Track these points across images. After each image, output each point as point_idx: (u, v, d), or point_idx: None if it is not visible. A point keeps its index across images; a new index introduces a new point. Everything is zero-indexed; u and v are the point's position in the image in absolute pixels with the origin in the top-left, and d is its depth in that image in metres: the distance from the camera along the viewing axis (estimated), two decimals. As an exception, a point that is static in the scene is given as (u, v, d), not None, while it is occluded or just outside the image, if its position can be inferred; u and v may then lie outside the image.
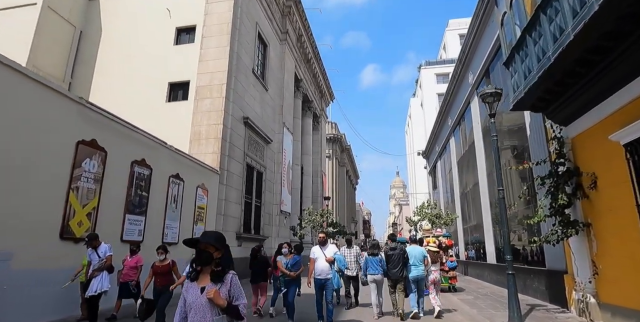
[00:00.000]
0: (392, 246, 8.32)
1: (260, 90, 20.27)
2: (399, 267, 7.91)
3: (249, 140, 18.27)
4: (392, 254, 8.02)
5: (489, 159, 16.00)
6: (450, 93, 21.80)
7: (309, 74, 32.38)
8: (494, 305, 9.76)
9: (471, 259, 18.91)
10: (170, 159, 11.63)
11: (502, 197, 7.72)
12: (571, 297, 8.28)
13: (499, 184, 7.86)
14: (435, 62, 58.15)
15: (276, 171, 22.08)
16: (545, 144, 9.73)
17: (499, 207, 7.95)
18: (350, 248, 9.55)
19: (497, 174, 7.92)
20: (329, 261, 7.55)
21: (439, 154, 28.77)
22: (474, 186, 18.19)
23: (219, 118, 15.75)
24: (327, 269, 7.50)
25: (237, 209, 16.63)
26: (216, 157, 15.27)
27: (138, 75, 17.39)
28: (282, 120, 23.13)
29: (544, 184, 8.42)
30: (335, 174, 51.01)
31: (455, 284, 12.56)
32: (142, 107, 16.55)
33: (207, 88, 16.32)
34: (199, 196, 13.34)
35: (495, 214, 15.39)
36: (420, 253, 8.34)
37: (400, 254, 8.00)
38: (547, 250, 9.98)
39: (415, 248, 8.47)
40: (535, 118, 10.26)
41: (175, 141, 14.45)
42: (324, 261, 7.52)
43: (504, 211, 7.69)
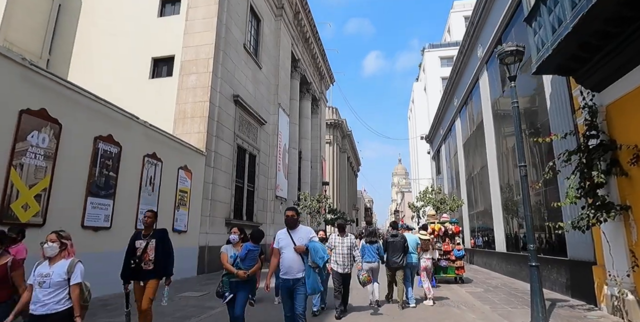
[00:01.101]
0: (394, 233, 8.10)
1: (252, 67, 18.91)
2: (399, 255, 7.81)
3: (240, 121, 17.00)
4: (393, 241, 7.89)
5: (499, 138, 14.71)
6: (456, 71, 20.39)
7: (308, 55, 30.88)
8: (508, 299, 8.60)
9: (479, 246, 17.74)
10: (144, 136, 10.40)
11: (524, 174, 6.47)
12: (602, 293, 7.10)
13: (520, 160, 6.61)
14: (440, 44, 56.30)
15: (271, 154, 20.85)
16: (571, 115, 8.44)
17: (521, 187, 6.70)
18: (343, 237, 7.21)
19: (518, 147, 6.66)
20: (300, 251, 4.75)
21: (443, 138, 27.46)
22: (482, 169, 16.94)
23: (205, 95, 14.47)
24: (297, 264, 4.74)
25: (226, 193, 15.45)
26: (202, 137, 14.03)
27: (120, 51, 16.07)
28: (278, 101, 21.80)
29: (570, 161, 7.16)
30: (336, 160, 49.79)
31: (463, 274, 11.40)
32: (124, 84, 15.31)
33: (192, 62, 15.00)
34: (181, 179, 12.15)
35: (505, 198, 14.18)
36: (414, 241, 8.38)
37: (401, 241, 7.88)
38: (569, 237, 8.78)
39: (409, 236, 8.45)
40: (558, 86, 8.96)
41: (159, 120, 13.29)
42: (292, 252, 4.75)
43: (527, 190, 6.44)
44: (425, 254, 8.57)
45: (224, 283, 5.14)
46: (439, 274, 11.12)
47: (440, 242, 11.40)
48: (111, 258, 8.50)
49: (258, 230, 5.47)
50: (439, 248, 11.28)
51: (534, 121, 11.12)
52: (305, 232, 4.94)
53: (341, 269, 7.09)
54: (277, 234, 5.05)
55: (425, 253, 8.61)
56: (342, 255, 7.10)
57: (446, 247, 11.28)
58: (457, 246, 11.31)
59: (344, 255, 7.10)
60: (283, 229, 5.01)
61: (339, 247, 7.15)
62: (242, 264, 5.10)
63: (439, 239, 11.47)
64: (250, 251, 5.14)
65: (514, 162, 13.30)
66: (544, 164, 10.95)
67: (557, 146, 9.14)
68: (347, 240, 7.21)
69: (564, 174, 8.07)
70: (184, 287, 10.08)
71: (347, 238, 7.25)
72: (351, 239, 7.27)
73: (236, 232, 5.46)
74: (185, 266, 12.22)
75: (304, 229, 5.00)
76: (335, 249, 7.13)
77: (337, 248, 7.15)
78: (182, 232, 12.08)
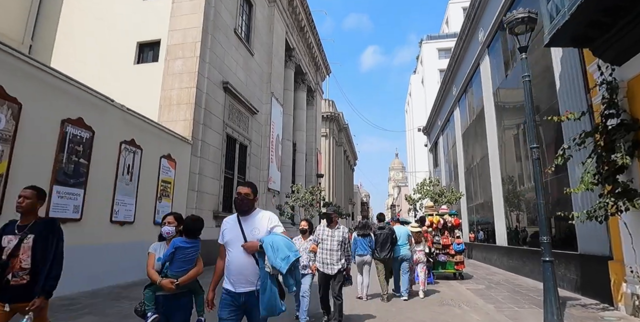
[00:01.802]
0: (381, 226, 8.03)
1: (244, 54, 18.08)
2: (387, 247, 7.73)
3: (229, 109, 16.21)
4: (380, 234, 7.79)
5: (501, 126, 14.01)
6: (456, 57, 19.64)
7: (303, 44, 30.00)
8: (513, 297, 7.93)
9: (480, 240, 17.08)
10: (122, 121, 9.61)
11: (537, 158, 5.76)
12: (619, 291, 6.42)
13: (531, 141, 5.89)
14: (437, 36, 55.48)
15: (263, 145, 20.08)
16: (584, 95, 7.74)
17: (533, 172, 5.99)
18: (334, 229, 5.79)
19: (529, 126, 5.94)
20: (251, 249, 3.03)
21: (441, 129, 26.77)
22: (482, 160, 16.27)
23: (192, 81, 13.66)
24: (249, 269, 3.06)
25: (214, 185, 14.70)
26: (188, 125, 13.24)
27: (105, 35, 15.20)
28: (271, 90, 20.98)
29: (584, 144, 6.46)
30: (332, 154, 49.05)
31: (463, 270, 10.74)
32: (109, 70, 14.50)
33: (179, 47, 14.17)
34: (164, 168, 11.39)
35: (507, 190, 13.51)
36: (405, 233, 8.26)
37: (389, 234, 7.80)
38: (580, 229, 8.11)
39: (400, 228, 8.39)
40: (570, 63, 8.26)
41: (144, 107, 12.56)
42: (241, 251, 3.07)
43: (540, 175, 5.72)
44: (417, 247, 8.55)
45: (147, 299, 3.45)
46: (437, 269, 10.46)
47: (438, 236, 10.72)
48: (81, 253, 7.81)
49: (195, 218, 3.61)
50: (437, 242, 10.62)
51: (540, 106, 10.40)
52: (263, 219, 3.15)
53: (329, 269, 5.57)
54: (223, 223, 3.26)
55: (418, 245, 8.58)
56: (331, 252, 5.60)
57: (445, 240, 10.61)
58: (457, 240, 10.64)
59: (332, 251, 5.59)
60: (232, 216, 3.27)
61: (327, 241, 5.67)
62: (170, 270, 3.39)
63: (437, 232, 10.80)
64: (181, 249, 3.38)
65: (517, 151, 12.61)
66: (546, 154, 10.28)
67: (566, 131, 8.45)
68: (339, 233, 5.73)
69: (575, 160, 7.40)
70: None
71: (338, 231, 5.76)
72: (343, 232, 5.79)
73: (171, 223, 3.60)
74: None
75: (262, 214, 3.20)
76: (323, 243, 5.69)
77: (325, 243, 5.68)
78: (165, 225, 11.33)
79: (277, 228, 3.13)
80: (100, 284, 8.52)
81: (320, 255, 5.69)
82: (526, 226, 12.02)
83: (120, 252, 9.34)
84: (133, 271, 9.36)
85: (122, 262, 9.25)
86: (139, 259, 10.08)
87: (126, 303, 6.99)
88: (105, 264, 8.77)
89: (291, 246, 2.97)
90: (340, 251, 5.68)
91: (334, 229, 5.80)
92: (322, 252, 5.69)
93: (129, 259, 9.42)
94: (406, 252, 8.11)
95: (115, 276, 9.06)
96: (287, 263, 2.85)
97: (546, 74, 9.96)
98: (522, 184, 12.14)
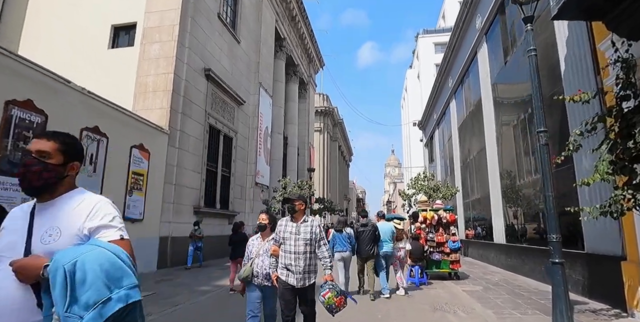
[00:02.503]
0: (363, 223, 7.79)
1: (229, 40, 17.15)
2: (370, 244, 7.48)
3: (212, 98, 15.31)
4: (363, 230, 7.56)
5: (499, 118, 13.19)
6: (452, 47, 18.79)
7: (294, 34, 29.05)
8: (514, 301, 7.13)
9: (478, 236, 16.27)
10: (82, 106, 8.71)
11: (544, 143, 4.93)
12: (635, 296, 5.63)
13: (539, 124, 5.06)
14: (434, 30, 54.71)
15: (251, 138, 19.19)
16: (593, 77, 6.94)
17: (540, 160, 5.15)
18: (299, 223, 4.05)
19: (537, 107, 5.10)
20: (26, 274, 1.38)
21: (436, 123, 25.96)
22: (479, 153, 15.47)
23: (169, 66, 12.76)
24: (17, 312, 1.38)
25: (195, 178, 13.83)
26: (165, 113, 12.36)
27: (77, 18, 14.27)
28: (259, 80, 20.07)
29: (595, 131, 5.63)
30: (327, 149, 48.22)
31: (458, 269, 9.94)
32: (80, 55, 13.61)
33: (155, 30, 13.25)
34: (136, 159, 10.51)
35: (505, 185, 12.71)
36: (389, 229, 8.02)
37: (372, 230, 7.56)
38: (587, 226, 7.32)
39: (384, 224, 8.13)
40: (577, 42, 7.46)
41: (119, 94, 11.75)
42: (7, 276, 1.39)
43: (549, 163, 4.90)
44: (399, 244, 8.26)
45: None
46: (431, 269, 9.67)
47: (432, 233, 9.92)
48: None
49: None
50: (431, 239, 9.82)
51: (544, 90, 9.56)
52: (77, 210, 1.56)
53: (293, 278, 3.85)
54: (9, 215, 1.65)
55: (400, 243, 8.29)
56: (296, 255, 3.88)
57: (440, 238, 9.80)
58: (452, 237, 9.83)
59: (297, 255, 3.88)
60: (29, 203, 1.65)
61: (291, 241, 3.94)
62: None
63: (431, 228, 9.99)
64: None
65: (516, 143, 11.81)
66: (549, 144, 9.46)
67: (573, 118, 7.65)
68: (306, 229, 3.98)
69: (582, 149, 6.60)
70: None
71: (305, 226, 4.01)
72: (313, 226, 4.03)
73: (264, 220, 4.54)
74: (141, 259, 10.63)
75: (80, 201, 1.61)
76: (285, 244, 3.97)
77: (288, 243, 3.95)
78: (136, 221, 10.47)
79: (103, 232, 1.52)
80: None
81: (283, 260, 3.94)
82: (526, 222, 11.24)
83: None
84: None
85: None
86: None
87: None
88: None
89: (122, 274, 1.41)
90: (309, 254, 3.92)
91: (299, 224, 3.99)
92: (285, 255, 3.94)
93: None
94: (389, 249, 7.87)
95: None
96: (99, 317, 1.27)
97: (549, 59, 9.14)
98: (521, 178, 11.34)
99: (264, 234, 4.31)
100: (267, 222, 4.31)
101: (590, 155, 7.09)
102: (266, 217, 4.35)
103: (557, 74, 8.47)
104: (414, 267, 9.06)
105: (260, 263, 4.07)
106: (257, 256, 4.13)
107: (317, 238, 4.03)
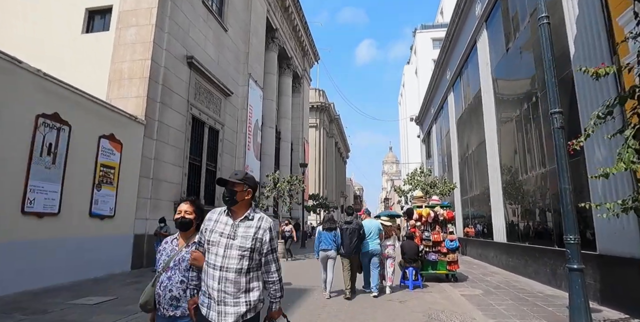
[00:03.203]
0: (348, 220, 7.44)
1: (215, 28, 16.24)
2: (353, 242, 7.21)
3: (196, 88, 14.42)
4: (346, 228, 7.28)
5: (500, 109, 12.37)
6: (450, 37, 17.96)
7: (288, 26, 28.11)
8: (518, 307, 6.32)
9: (478, 234, 15.44)
10: (39, 90, 7.82)
11: (559, 126, 4.09)
12: (662, 305, 4.82)
13: (553, 105, 4.22)
14: (432, 25, 53.91)
15: (239, 131, 18.31)
16: (609, 56, 6.11)
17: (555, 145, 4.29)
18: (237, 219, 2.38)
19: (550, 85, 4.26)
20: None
21: (434, 117, 25.15)
22: (479, 147, 14.65)
23: (146, 51, 11.86)
24: None
25: (176, 172, 12.96)
26: (141, 102, 11.47)
27: (48, 0, 13.33)
28: (248, 71, 19.16)
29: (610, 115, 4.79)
30: (323, 145, 47.33)
31: (456, 271, 9.12)
32: (53, 40, 12.67)
33: (132, 13, 12.34)
34: (105, 151, 9.63)
35: (506, 180, 11.90)
36: (375, 227, 7.77)
37: (356, 228, 7.27)
38: (600, 224, 6.53)
39: (370, 222, 7.90)
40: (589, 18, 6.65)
41: (93, 83, 11.00)
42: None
43: (564, 151, 4.06)
44: (386, 241, 8.07)
45: None
46: (426, 270, 8.86)
47: (428, 231, 9.10)
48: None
49: None
50: (426, 238, 9.00)
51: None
52: None
53: (215, 313, 2.27)
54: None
55: (387, 240, 8.11)
56: (223, 272, 2.29)
57: (436, 236, 8.97)
58: (450, 236, 9.00)
59: (226, 272, 2.29)
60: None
61: (219, 246, 2.33)
62: None
63: (427, 226, 9.17)
64: None
65: (519, 135, 10.99)
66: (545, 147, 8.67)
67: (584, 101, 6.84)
68: (247, 231, 2.36)
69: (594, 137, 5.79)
70: (92, 290, 7.65)
71: (248, 226, 2.38)
72: (260, 230, 2.39)
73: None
74: (113, 258, 9.82)
75: None
76: (210, 252, 2.36)
77: (216, 249, 2.34)
78: (105, 218, 9.60)
79: None
80: (4, 291, 6.79)
81: (205, 278, 2.35)
82: (529, 219, 10.44)
83: (39, 250, 7.62)
84: (57, 273, 7.71)
85: (40, 263, 7.54)
86: (66, 258, 8.44)
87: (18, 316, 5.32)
88: (13, 265, 7.04)
89: None
90: (245, 273, 2.31)
91: (237, 222, 2.38)
92: (207, 272, 2.34)
93: (51, 259, 7.74)
94: (376, 247, 7.60)
95: (30, 280, 7.35)
96: None
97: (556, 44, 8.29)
98: (524, 172, 10.52)
99: (185, 235, 2.66)
100: (192, 217, 2.63)
101: (605, 144, 6.28)
102: (190, 209, 2.65)
103: (565, 59, 7.62)
104: (408, 269, 8.25)
105: (166, 281, 2.49)
106: (164, 269, 2.54)
107: (262, 249, 2.37)
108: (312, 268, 11.03)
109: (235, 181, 2.42)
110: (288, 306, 6.22)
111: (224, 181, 2.43)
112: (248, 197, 2.47)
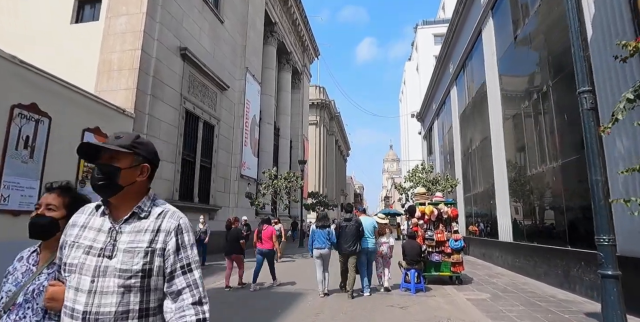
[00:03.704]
0: (347, 217, 7.34)
1: (210, 19, 15.70)
2: (352, 240, 7.09)
3: (190, 81, 13.89)
4: (345, 225, 7.16)
5: (506, 100, 11.82)
6: (453, 28, 17.39)
7: (287, 20, 27.55)
8: (531, 314, 5.79)
9: (482, 233, 14.90)
10: (14, 78, 7.28)
11: (589, 107, 3.55)
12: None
13: (582, 83, 3.67)
14: (433, 21, 53.20)
15: (236, 126, 17.78)
16: (633, 33, 5.55)
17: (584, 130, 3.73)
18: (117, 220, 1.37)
19: (578, 57, 3.72)
20: None
21: (436, 113, 24.59)
22: (483, 142, 14.11)
23: (136, 41, 11.33)
24: None
25: (167, 168, 12.46)
26: (131, 94, 10.95)
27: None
28: (245, 65, 18.63)
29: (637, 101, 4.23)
30: (323, 142, 46.78)
31: (461, 273, 8.59)
32: (41, 31, 12.13)
33: (122, 2, 11.80)
34: (90, 145, 9.09)
35: (512, 177, 11.36)
36: (371, 224, 7.65)
37: (355, 226, 7.15)
38: (620, 222, 5.98)
39: (366, 219, 7.76)
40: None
41: (82, 75, 10.47)
42: None
43: (595, 135, 3.53)
44: (381, 239, 7.91)
45: None
46: (429, 271, 8.34)
47: (431, 230, 8.57)
48: None
49: None
50: (430, 237, 8.48)
51: (560, 67, 8.19)
52: None
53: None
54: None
55: (382, 237, 7.94)
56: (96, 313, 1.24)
57: (440, 236, 8.45)
58: (455, 235, 8.48)
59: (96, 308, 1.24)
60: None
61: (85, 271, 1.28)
62: None
63: (430, 225, 8.64)
64: None
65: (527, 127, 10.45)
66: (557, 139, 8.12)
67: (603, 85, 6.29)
68: (140, 239, 1.33)
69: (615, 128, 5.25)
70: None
71: (138, 228, 1.36)
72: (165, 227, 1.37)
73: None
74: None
75: None
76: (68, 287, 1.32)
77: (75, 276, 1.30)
78: (90, 216, 9.08)
79: None
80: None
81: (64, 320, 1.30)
82: (538, 218, 9.91)
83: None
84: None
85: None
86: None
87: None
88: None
89: None
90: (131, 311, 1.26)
91: (120, 224, 1.37)
92: (66, 313, 1.29)
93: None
94: (371, 245, 7.55)
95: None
96: None
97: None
98: (532, 167, 9.99)
99: (49, 248, 1.70)
100: (58, 214, 1.68)
101: (628, 134, 5.75)
102: (57, 202, 1.70)
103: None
104: (410, 271, 7.72)
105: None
106: (7, 307, 1.52)
107: (166, 267, 1.34)
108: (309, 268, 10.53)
109: (116, 148, 1.35)
110: (280, 312, 5.71)
111: (93, 149, 1.38)
112: (140, 179, 1.43)
